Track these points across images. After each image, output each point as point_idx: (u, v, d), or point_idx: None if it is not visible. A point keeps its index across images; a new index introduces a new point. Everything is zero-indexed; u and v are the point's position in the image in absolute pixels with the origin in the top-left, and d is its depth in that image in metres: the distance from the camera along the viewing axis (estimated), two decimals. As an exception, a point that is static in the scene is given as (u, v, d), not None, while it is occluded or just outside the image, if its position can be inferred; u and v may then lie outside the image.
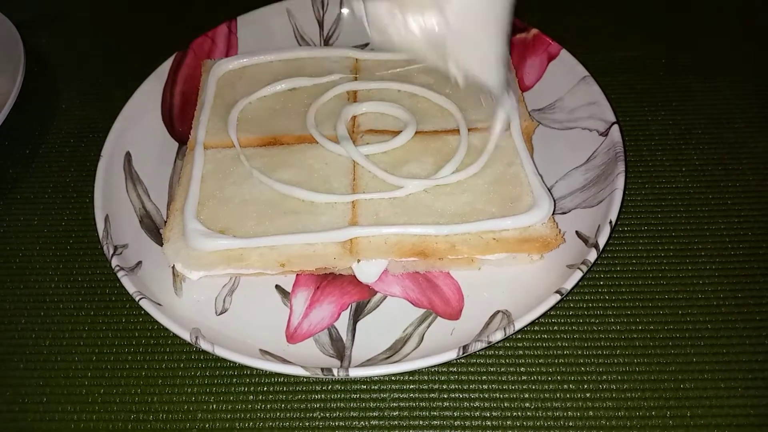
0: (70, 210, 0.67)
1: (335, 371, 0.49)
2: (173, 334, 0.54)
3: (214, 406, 0.53)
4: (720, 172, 0.66)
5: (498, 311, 0.54)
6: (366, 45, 0.76)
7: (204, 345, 0.51)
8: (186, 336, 0.51)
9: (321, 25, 0.79)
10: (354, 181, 0.60)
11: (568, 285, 0.52)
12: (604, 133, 0.63)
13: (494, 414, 0.52)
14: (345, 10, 0.79)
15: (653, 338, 0.55)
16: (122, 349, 0.57)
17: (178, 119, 0.71)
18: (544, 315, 0.52)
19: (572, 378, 0.53)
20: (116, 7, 0.91)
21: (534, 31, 0.73)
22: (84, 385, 0.55)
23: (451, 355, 0.49)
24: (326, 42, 0.79)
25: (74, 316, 0.59)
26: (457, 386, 0.53)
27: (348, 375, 0.49)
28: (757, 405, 0.51)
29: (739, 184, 0.65)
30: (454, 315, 0.56)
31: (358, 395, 0.53)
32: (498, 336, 0.50)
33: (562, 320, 0.57)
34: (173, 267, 0.58)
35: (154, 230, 0.61)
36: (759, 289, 0.57)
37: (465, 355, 0.50)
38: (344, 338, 0.55)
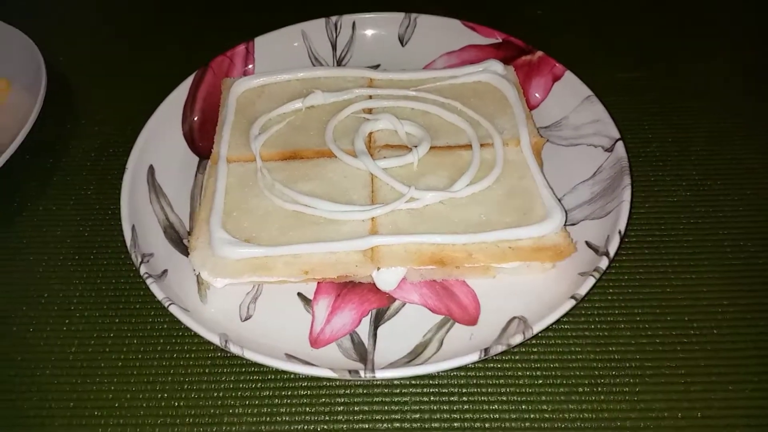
0: (93, 221, 0.68)
1: (362, 373, 0.51)
2: (197, 340, 0.56)
3: (240, 410, 0.55)
4: (719, 186, 0.69)
5: (514, 317, 0.57)
6: (378, 66, 0.80)
7: (234, 349, 0.52)
8: (216, 340, 0.53)
9: (334, 46, 0.82)
10: (372, 193, 0.62)
11: (582, 291, 0.55)
12: (609, 149, 0.66)
13: (512, 416, 0.54)
14: (358, 33, 0.82)
15: (662, 343, 0.57)
16: (147, 356, 0.58)
17: (199, 135, 0.73)
18: (557, 321, 0.55)
19: (586, 381, 0.55)
20: (137, 27, 0.94)
21: (539, 53, 0.76)
22: (110, 390, 0.56)
23: (473, 357, 0.51)
24: (339, 63, 0.82)
25: (99, 324, 0.60)
26: (476, 389, 0.55)
27: (375, 376, 0.51)
28: (764, 406, 0.53)
29: (738, 197, 0.68)
30: (471, 321, 0.58)
31: (380, 399, 0.55)
32: (518, 339, 0.52)
33: (575, 326, 0.59)
34: (198, 275, 0.59)
35: (178, 241, 0.63)
36: (760, 296, 0.60)
37: (486, 357, 0.52)
38: (366, 343, 0.56)
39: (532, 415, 0.54)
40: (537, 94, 0.76)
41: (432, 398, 0.55)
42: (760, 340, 0.57)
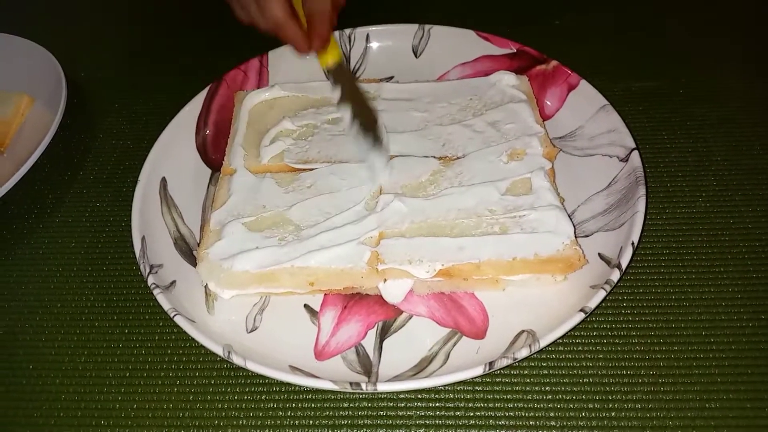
0: (107, 233, 0.69)
1: (363, 386, 0.50)
2: (204, 351, 0.56)
3: (244, 421, 0.54)
4: (740, 197, 0.67)
5: (523, 330, 0.55)
6: (391, 78, 0.80)
7: (236, 360, 0.52)
8: (219, 351, 0.53)
9: (348, 59, 0.82)
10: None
11: (592, 304, 0.53)
12: (625, 159, 0.65)
13: (520, 432, 0.52)
14: (372, 45, 0.83)
15: (677, 358, 0.55)
16: (155, 366, 0.58)
17: (212, 147, 0.74)
18: (568, 335, 0.53)
19: (597, 397, 0.54)
20: (155, 44, 0.95)
21: (554, 62, 0.75)
22: (117, 400, 0.56)
23: (477, 370, 0.50)
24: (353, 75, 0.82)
25: (109, 334, 0.61)
26: (482, 404, 0.54)
27: (376, 389, 0.50)
28: (784, 425, 0.51)
29: (759, 209, 0.66)
30: (479, 334, 0.57)
31: (384, 412, 0.54)
32: (523, 353, 0.51)
33: (587, 340, 0.57)
34: (206, 286, 0.60)
35: (188, 252, 0.64)
36: (782, 311, 0.58)
37: (491, 371, 0.51)
38: (371, 356, 0.56)
39: (540, 432, 0.52)
40: (552, 104, 0.75)
41: (438, 413, 0.54)
42: (781, 357, 0.55)
